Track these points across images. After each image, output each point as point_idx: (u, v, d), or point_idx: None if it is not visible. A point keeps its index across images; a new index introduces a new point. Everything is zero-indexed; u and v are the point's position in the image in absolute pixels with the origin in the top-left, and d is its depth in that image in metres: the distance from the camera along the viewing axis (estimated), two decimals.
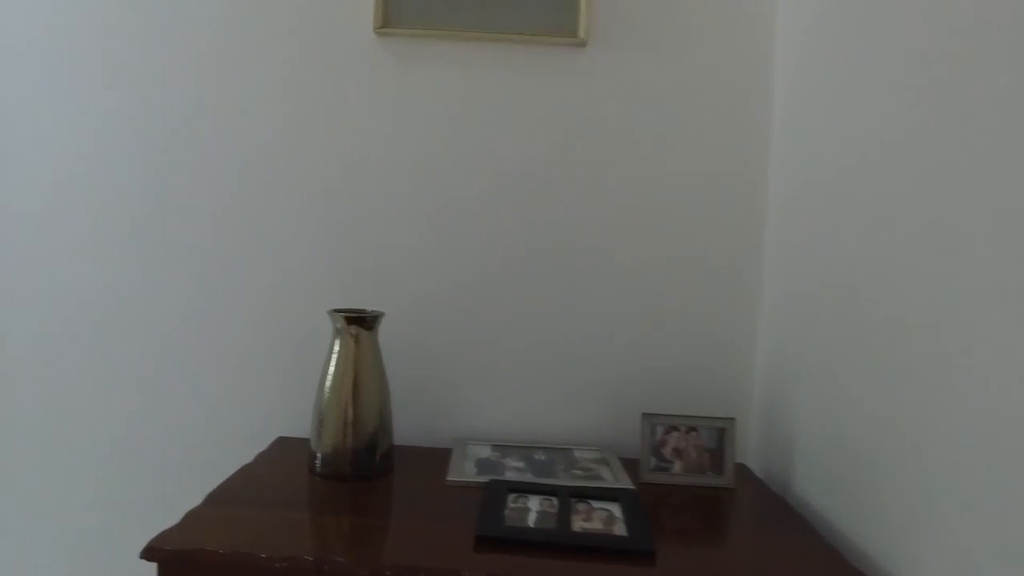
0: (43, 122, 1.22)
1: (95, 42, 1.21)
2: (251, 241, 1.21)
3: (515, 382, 1.22)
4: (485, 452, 1.14)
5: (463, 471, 1.04)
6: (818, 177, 1.01)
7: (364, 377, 1.02)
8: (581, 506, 0.92)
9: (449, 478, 1.01)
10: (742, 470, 1.13)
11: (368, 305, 1.22)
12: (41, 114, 1.22)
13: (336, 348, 1.01)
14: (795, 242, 1.08)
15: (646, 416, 1.06)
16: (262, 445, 1.22)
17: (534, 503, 0.92)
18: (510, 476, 1.03)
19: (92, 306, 1.23)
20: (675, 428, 1.05)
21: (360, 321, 1.01)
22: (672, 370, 1.21)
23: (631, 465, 1.11)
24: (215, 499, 0.89)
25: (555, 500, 0.93)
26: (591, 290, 1.21)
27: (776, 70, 1.19)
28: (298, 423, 1.23)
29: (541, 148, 1.20)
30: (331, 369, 1.01)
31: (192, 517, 0.82)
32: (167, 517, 1.23)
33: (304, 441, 1.17)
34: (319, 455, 1.01)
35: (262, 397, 1.23)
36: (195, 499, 1.23)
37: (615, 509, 0.91)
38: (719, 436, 1.05)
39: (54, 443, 1.25)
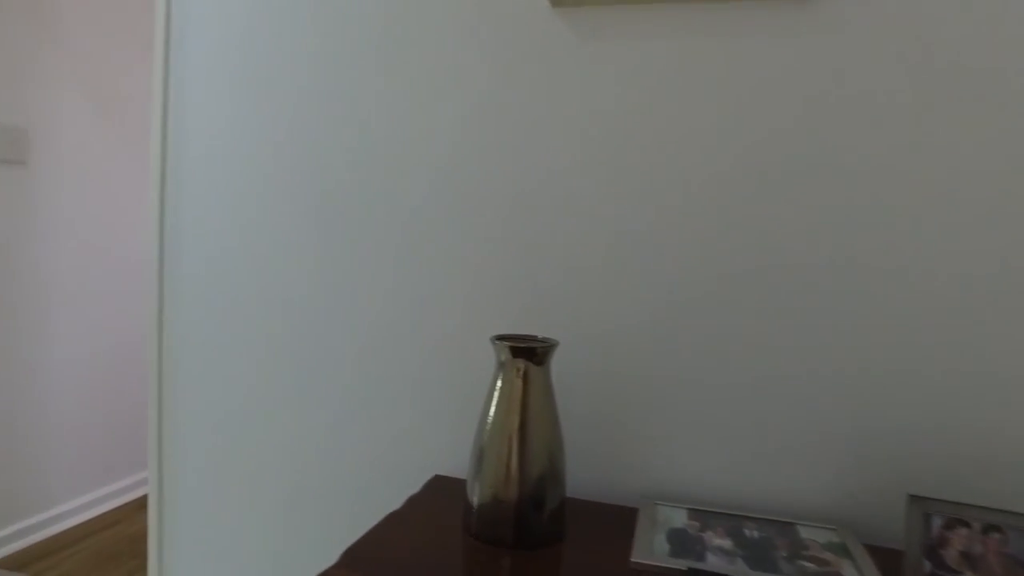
0: (224, 132, 1.19)
1: (273, 43, 1.15)
2: (411, 253, 1.08)
3: (722, 428, 0.96)
4: (680, 519, 0.90)
5: (652, 548, 0.81)
6: None
7: (532, 420, 0.83)
8: None
9: (634, 558, 0.78)
10: None
11: (541, 330, 1.03)
12: (224, 123, 1.19)
13: (499, 384, 0.83)
14: None
15: (917, 500, 0.75)
16: (417, 482, 1.09)
17: None
18: (714, 561, 0.78)
19: (244, 326, 1.18)
20: (964, 523, 0.73)
21: (529, 353, 0.82)
22: (946, 428, 0.88)
23: (885, 558, 0.81)
24: (352, 558, 0.75)
25: None
26: (828, 312, 0.92)
27: None
28: (458, 460, 1.08)
29: (761, 134, 0.93)
30: (492, 409, 0.83)
31: None
32: (313, 552, 1.15)
33: (463, 483, 1.01)
34: (475, 508, 0.84)
35: (421, 429, 1.09)
36: (342, 536, 1.14)
37: None
38: None
39: (213, 465, 1.22)
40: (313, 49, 1.12)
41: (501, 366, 0.84)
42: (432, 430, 1.09)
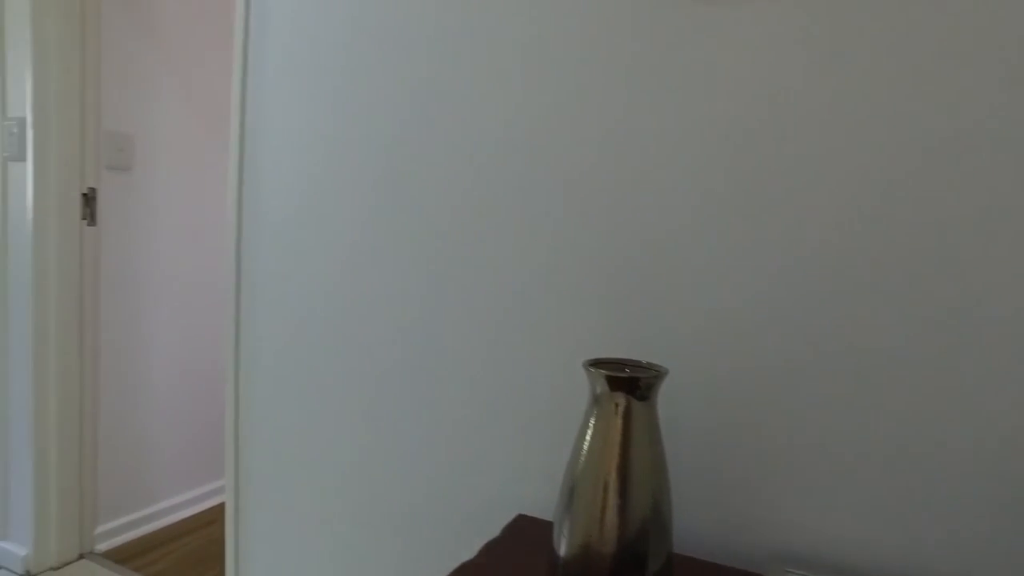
0: (286, 126, 1.13)
1: (338, 30, 1.07)
2: (499, 264, 0.96)
3: (875, 475, 0.78)
4: None
5: None
6: None
7: (632, 463, 0.68)
8: None
9: None
10: None
11: (645, 354, 0.88)
12: (284, 115, 1.13)
13: (592, 420, 0.69)
14: None
15: None
16: (497, 518, 0.97)
17: None
18: None
19: (319, 339, 1.10)
20: None
21: (631, 386, 0.67)
22: None
23: None
24: None
25: None
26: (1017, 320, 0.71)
27: None
28: (547, 497, 0.94)
29: (932, 112, 0.74)
30: (584, 448, 0.70)
31: None
32: None
33: (549, 526, 0.88)
34: (562, 560, 0.70)
35: (504, 459, 0.97)
36: (415, 567, 1.03)
37: None
38: None
39: (279, 498, 1.15)
40: (391, 42, 1.03)
41: (596, 400, 0.69)
42: (517, 461, 0.96)
